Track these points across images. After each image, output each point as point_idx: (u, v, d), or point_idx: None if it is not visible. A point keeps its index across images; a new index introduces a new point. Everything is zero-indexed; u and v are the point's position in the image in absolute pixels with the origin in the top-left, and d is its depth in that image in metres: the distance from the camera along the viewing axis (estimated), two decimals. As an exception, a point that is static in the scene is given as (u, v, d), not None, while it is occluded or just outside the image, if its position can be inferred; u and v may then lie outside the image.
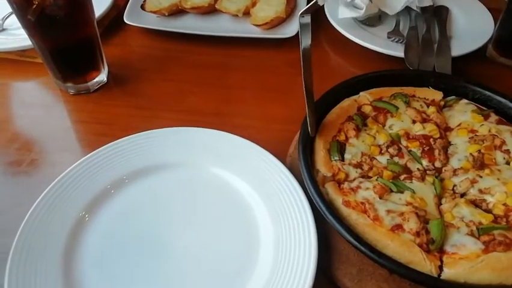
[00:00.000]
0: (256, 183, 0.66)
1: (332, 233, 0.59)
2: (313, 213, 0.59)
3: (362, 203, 0.57)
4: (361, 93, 0.74)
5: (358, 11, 0.95)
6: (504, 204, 0.57)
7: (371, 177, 0.62)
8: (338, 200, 0.58)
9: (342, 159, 0.64)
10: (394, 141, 0.67)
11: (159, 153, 0.70)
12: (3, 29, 0.99)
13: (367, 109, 0.72)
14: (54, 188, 0.63)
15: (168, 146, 0.70)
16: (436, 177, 0.63)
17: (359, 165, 0.63)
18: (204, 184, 0.68)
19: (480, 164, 0.63)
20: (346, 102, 0.72)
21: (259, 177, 0.66)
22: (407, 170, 0.64)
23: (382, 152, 0.65)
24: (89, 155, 0.68)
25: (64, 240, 0.59)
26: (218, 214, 0.65)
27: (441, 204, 0.60)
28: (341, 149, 0.65)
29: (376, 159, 0.65)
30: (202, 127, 0.72)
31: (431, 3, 0.99)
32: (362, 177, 0.62)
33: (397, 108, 0.70)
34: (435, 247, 0.54)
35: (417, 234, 0.54)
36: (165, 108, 0.84)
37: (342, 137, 0.67)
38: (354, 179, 0.61)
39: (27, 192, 0.65)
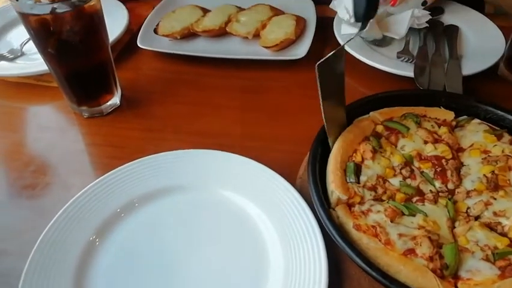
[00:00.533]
0: (266, 205, 0.66)
1: (343, 258, 0.58)
2: (323, 237, 0.59)
3: (373, 226, 0.56)
4: (371, 113, 0.74)
5: (354, 26, 0.94)
6: (520, 228, 0.56)
7: (384, 200, 0.61)
8: (348, 223, 0.57)
9: (358, 181, 0.63)
10: (407, 162, 0.66)
11: (169, 175, 0.70)
12: (22, 54, 1.03)
13: (379, 128, 0.71)
14: (66, 211, 0.64)
15: (178, 168, 0.71)
16: (449, 199, 0.62)
17: (373, 188, 0.63)
18: (213, 206, 0.68)
19: (494, 185, 0.61)
20: (363, 122, 0.72)
21: (269, 200, 0.66)
22: (419, 192, 0.63)
23: (395, 174, 0.65)
24: (99, 178, 0.68)
25: (74, 263, 0.60)
26: (228, 237, 0.64)
27: (454, 227, 0.59)
28: (357, 170, 0.65)
29: (389, 181, 0.64)
30: (213, 149, 0.73)
31: (427, 23, 0.98)
32: (375, 199, 0.61)
33: (408, 128, 0.70)
34: (449, 272, 0.52)
35: (431, 259, 0.52)
36: (177, 130, 0.85)
37: (358, 158, 0.66)
38: (365, 202, 0.60)
39: (41, 215, 0.66)
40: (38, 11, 0.72)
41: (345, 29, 0.98)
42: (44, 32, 0.76)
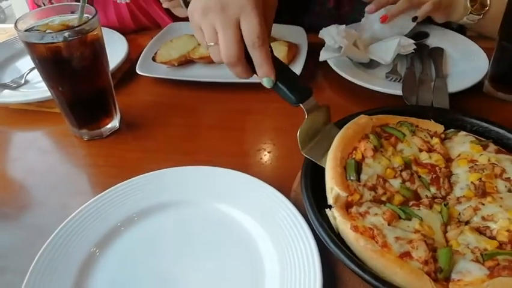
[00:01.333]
0: (262, 219, 0.68)
1: (337, 264, 0.59)
2: (318, 248, 0.60)
3: (370, 228, 0.57)
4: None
5: (338, 51, 0.98)
6: (508, 231, 0.57)
7: (384, 201, 0.62)
8: (346, 224, 0.58)
9: (358, 180, 0.64)
10: (407, 165, 0.67)
11: (167, 191, 0.72)
12: (25, 83, 1.07)
13: (379, 129, 0.72)
14: (66, 226, 0.65)
15: (175, 184, 0.73)
16: (445, 205, 0.63)
17: (373, 188, 0.63)
18: (210, 221, 0.69)
19: (482, 192, 0.63)
20: (362, 119, 0.72)
21: (265, 214, 0.68)
22: (416, 196, 0.64)
23: (396, 175, 0.65)
24: (100, 194, 0.70)
25: (74, 277, 0.60)
26: (225, 250, 0.65)
27: (447, 232, 0.60)
28: (357, 168, 0.64)
29: (389, 182, 0.64)
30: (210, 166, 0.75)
31: (413, 49, 1.03)
32: (374, 201, 0.61)
33: (404, 135, 0.72)
34: (443, 276, 0.53)
35: (426, 262, 0.53)
36: (173, 151, 0.88)
37: (358, 156, 0.66)
38: (363, 202, 0.61)
39: (40, 234, 0.67)
40: (43, 41, 0.76)
41: (322, 56, 1.01)
42: (47, 59, 0.80)
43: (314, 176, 0.67)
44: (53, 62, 0.81)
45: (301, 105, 0.69)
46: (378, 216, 0.59)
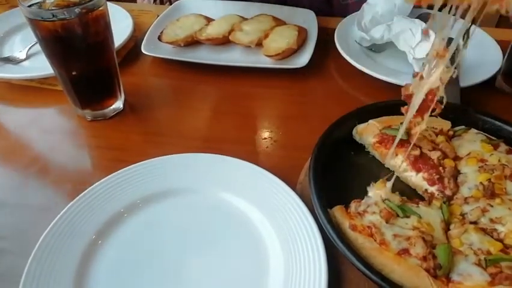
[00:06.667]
0: (266, 209, 0.67)
1: (342, 260, 0.59)
2: (323, 241, 0.60)
3: (369, 226, 0.57)
4: (370, 121, 0.75)
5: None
6: (516, 234, 0.57)
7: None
8: (344, 223, 0.59)
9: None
10: None
11: (172, 178, 0.71)
12: (27, 57, 1.04)
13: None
14: (69, 211, 0.65)
15: (180, 171, 0.72)
16: (444, 202, 0.63)
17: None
18: (214, 210, 0.69)
19: (491, 193, 0.63)
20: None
21: (270, 204, 0.67)
22: None
23: None
24: (103, 179, 0.69)
25: (76, 263, 0.60)
26: (228, 240, 0.65)
27: (449, 229, 0.60)
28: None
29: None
30: (214, 153, 0.74)
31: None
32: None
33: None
34: (442, 272, 0.54)
35: (424, 259, 0.54)
36: (179, 135, 0.86)
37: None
38: (360, 204, 0.61)
39: (43, 215, 0.67)
40: (48, 17, 0.74)
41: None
42: (52, 36, 0.77)
43: (322, 170, 0.66)
44: (56, 40, 0.78)
45: None
46: (376, 215, 0.59)
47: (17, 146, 0.85)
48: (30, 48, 1.06)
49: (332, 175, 0.69)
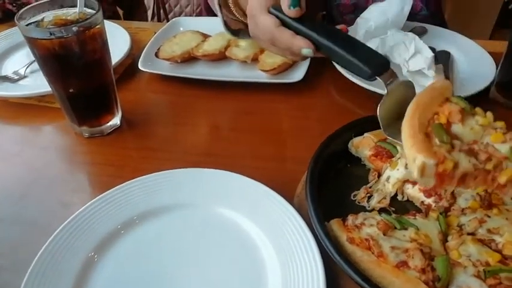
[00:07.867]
0: (264, 224, 0.67)
1: (341, 276, 0.59)
2: (321, 254, 0.59)
3: (366, 239, 0.57)
4: (365, 134, 0.76)
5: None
6: (514, 244, 0.57)
7: (489, 171, 0.50)
8: (342, 236, 0.59)
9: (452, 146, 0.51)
10: None
11: (168, 194, 0.71)
12: (25, 76, 1.05)
13: None
14: (66, 228, 0.64)
15: (177, 187, 0.72)
16: (441, 213, 0.63)
17: (472, 152, 0.50)
18: (212, 225, 0.68)
19: (488, 203, 0.63)
20: (437, 83, 0.59)
21: (267, 218, 0.67)
22: None
23: (505, 140, 0.52)
24: (100, 196, 0.69)
25: (73, 280, 0.60)
26: (226, 255, 0.65)
27: (447, 241, 0.60)
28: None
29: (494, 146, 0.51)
30: (212, 168, 0.74)
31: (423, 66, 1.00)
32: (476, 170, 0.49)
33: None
34: (441, 285, 0.53)
35: (423, 271, 0.53)
36: (175, 150, 0.86)
37: (443, 120, 0.53)
38: (357, 217, 0.61)
39: (39, 232, 0.66)
40: (45, 36, 0.75)
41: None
42: (49, 54, 0.78)
43: (319, 183, 0.66)
44: (56, 57, 0.79)
45: (378, 78, 0.62)
46: (373, 227, 0.59)
47: (14, 163, 0.85)
48: (28, 66, 1.07)
49: (329, 188, 0.69)
